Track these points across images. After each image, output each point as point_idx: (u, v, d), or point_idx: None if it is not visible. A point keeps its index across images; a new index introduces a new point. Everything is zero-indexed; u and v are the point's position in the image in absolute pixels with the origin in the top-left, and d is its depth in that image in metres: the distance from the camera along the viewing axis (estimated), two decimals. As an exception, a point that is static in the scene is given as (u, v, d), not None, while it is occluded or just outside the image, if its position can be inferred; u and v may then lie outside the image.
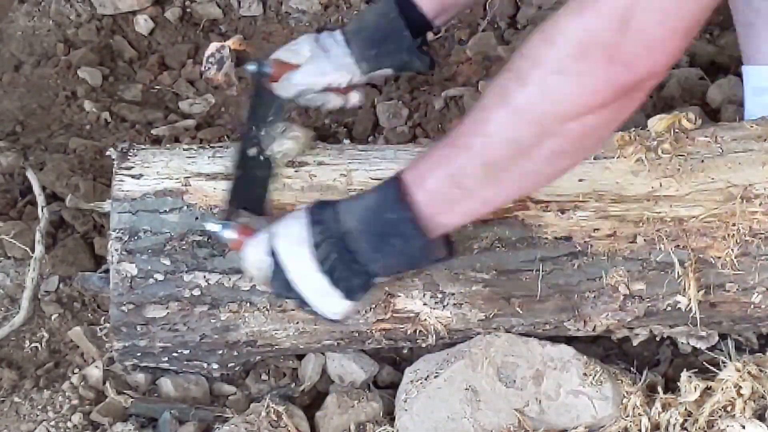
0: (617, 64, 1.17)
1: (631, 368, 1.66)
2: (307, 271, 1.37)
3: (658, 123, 1.63)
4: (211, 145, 1.69)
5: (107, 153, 1.68)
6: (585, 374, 1.58)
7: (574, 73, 1.19)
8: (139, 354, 1.63)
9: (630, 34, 1.16)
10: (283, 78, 1.65)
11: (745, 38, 1.85)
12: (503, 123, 1.24)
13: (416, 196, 1.31)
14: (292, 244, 1.38)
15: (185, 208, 1.57)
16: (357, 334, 1.61)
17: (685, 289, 1.55)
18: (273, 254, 1.39)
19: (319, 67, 1.66)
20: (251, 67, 1.67)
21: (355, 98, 1.71)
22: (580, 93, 1.20)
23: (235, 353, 1.64)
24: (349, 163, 1.62)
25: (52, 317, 1.79)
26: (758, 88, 1.84)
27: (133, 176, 1.60)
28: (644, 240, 1.55)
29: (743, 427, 1.51)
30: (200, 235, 1.55)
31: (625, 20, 1.16)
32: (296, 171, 1.61)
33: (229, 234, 1.48)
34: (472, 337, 1.61)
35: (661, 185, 1.58)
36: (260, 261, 1.42)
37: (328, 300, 1.39)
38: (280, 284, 1.40)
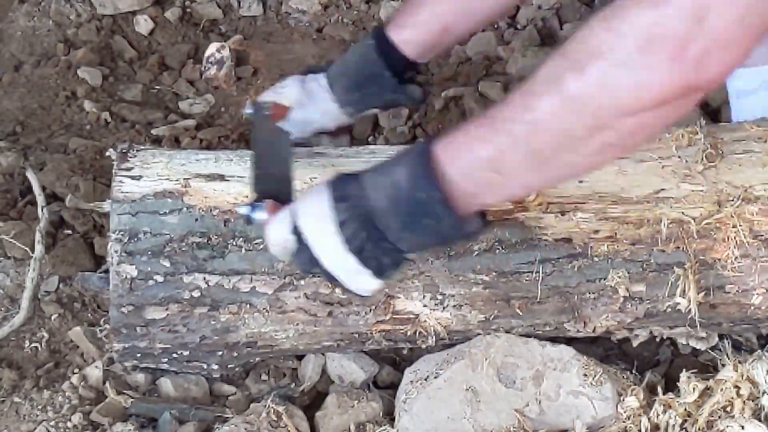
0: (686, 61, 1.10)
1: (631, 369, 1.66)
2: (335, 249, 1.30)
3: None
4: (211, 145, 1.69)
5: (107, 153, 1.68)
6: (585, 375, 1.57)
7: (639, 67, 1.11)
8: (139, 355, 1.63)
9: (704, 31, 1.08)
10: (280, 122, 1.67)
11: None
12: (553, 112, 1.17)
13: (449, 175, 1.23)
14: (317, 221, 1.30)
15: (185, 209, 1.57)
16: (357, 335, 1.61)
17: (684, 291, 1.55)
18: (297, 232, 1.33)
19: (306, 114, 1.67)
20: (249, 111, 1.68)
21: (343, 141, 1.77)
22: (642, 88, 1.13)
23: (235, 354, 1.64)
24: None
25: (52, 317, 1.78)
26: (741, 90, 1.85)
27: (132, 177, 1.60)
28: (644, 242, 1.55)
29: (742, 428, 1.51)
30: (200, 237, 1.55)
31: (701, 16, 1.08)
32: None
33: (260, 215, 1.43)
34: (472, 338, 1.61)
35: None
36: (284, 239, 1.36)
37: (357, 278, 1.33)
38: (306, 261, 1.34)
